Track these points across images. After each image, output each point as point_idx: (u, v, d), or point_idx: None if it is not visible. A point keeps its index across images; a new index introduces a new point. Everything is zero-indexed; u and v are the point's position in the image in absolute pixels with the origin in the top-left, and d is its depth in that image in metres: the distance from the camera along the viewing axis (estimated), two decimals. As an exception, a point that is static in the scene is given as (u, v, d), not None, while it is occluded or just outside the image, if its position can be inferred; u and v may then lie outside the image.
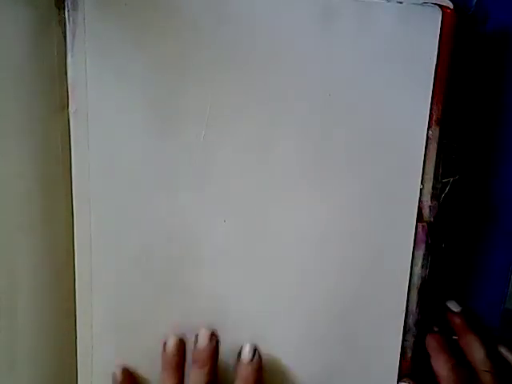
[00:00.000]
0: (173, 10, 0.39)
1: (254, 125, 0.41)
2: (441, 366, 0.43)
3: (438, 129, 0.39)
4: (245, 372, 0.42)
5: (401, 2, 0.38)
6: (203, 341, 0.43)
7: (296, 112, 0.40)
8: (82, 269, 0.44)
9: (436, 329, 0.45)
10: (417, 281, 0.43)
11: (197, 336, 0.43)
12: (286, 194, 0.42)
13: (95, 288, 0.45)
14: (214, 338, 0.43)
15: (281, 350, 0.44)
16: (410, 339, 0.44)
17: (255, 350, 0.43)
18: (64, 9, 0.38)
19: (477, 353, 0.43)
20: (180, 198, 0.42)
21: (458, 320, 0.44)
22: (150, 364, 0.45)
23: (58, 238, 0.43)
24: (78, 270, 0.44)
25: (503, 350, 0.44)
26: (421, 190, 0.41)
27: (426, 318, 0.44)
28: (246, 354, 0.43)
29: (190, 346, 0.44)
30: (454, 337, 0.44)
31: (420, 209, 0.41)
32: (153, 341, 0.45)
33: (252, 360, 0.42)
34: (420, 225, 0.41)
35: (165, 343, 0.44)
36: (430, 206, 0.41)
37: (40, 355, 0.44)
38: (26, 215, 0.41)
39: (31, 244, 0.42)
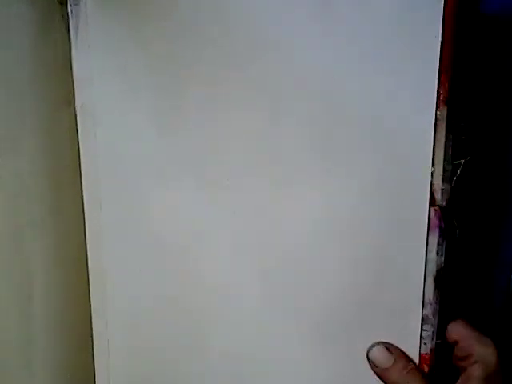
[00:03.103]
0: (175, 2, 0.39)
1: (259, 116, 0.41)
2: None
3: (445, 109, 0.38)
4: None
5: (403, -19, 0.37)
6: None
7: (300, 101, 0.40)
8: (94, 265, 0.45)
9: None
10: (432, 268, 0.41)
11: None
12: (295, 183, 0.41)
13: (109, 284, 0.45)
14: None
15: (295, 344, 0.44)
16: (429, 329, 0.42)
17: None
18: (66, 3, 0.39)
19: None
20: (189, 191, 0.42)
21: None
22: (164, 363, 0.45)
23: (69, 234, 0.43)
24: (91, 266, 0.44)
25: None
26: (432, 173, 0.40)
27: (445, 308, 0.42)
28: None
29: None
30: None
31: (432, 193, 0.40)
32: (167, 338, 0.45)
33: None
34: (433, 209, 0.40)
35: None
36: (442, 190, 0.40)
37: (56, 354, 0.44)
38: (36, 212, 0.41)
39: (43, 241, 0.42)
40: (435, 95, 0.38)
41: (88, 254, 0.44)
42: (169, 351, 0.45)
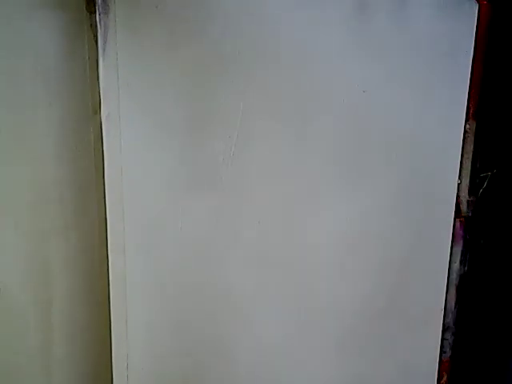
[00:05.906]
0: (206, 12, 0.39)
1: (287, 125, 0.41)
2: None
3: (474, 123, 0.39)
4: None
5: (436, -3, 0.37)
6: None
7: (331, 110, 0.40)
8: (115, 270, 0.44)
9: None
10: (455, 278, 0.42)
11: None
12: (322, 194, 0.41)
13: (129, 289, 0.44)
14: None
15: (317, 351, 0.44)
16: (450, 338, 0.43)
17: None
18: (95, 13, 0.38)
19: None
20: (214, 199, 0.42)
21: None
22: (183, 365, 0.45)
23: (91, 239, 0.43)
24: (112, 271, 0.44)
25: None
26: (458, 184, 0.40)
27: (466, 317, 0.43)
28: None
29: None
30: None
31: (458, 204, 0.40)
32: (188, 341, 0.45)
33: None
34: (458, 220, 0.40)
35: None
36: (468, 201, 0.40)
37: (74, 360, 0.44)
38: (60, 218, 0.41)
39: (65, 246, 0.42)
40: (465, 109, 0.38)
41: (109, 259, 0.44)
42: (191, 362, 0.45)
